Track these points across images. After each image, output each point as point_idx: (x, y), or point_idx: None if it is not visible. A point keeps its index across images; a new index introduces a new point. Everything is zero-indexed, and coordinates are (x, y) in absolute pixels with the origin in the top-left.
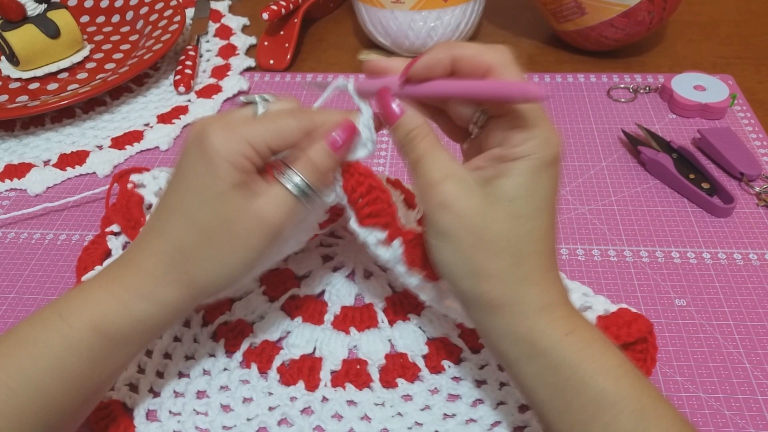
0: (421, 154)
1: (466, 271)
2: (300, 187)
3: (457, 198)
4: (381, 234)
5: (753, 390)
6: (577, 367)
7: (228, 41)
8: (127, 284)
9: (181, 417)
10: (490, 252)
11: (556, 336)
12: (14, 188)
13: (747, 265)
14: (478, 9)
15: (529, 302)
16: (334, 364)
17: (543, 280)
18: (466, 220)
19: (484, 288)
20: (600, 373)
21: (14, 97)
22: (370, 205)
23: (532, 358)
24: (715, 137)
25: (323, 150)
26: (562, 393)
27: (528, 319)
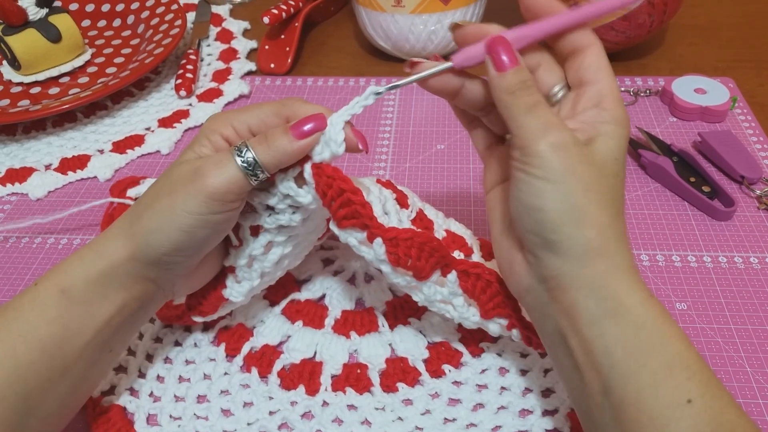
0: (539, 99)
1: (573, 217)
2: (244, 157)
3: (575, 143)
4: (360, 234)
5: (754, 394)
6: (658, 328)
7: (229, 45)
8: (92, 244)
9: (181, 421)
10: (599, 202)
11: (641, 296)
12: (15, 192)
13: (748, 269)
14: (478, 12)
15: (623, 258)
16: (334, 368)
17: (629, 242)
18: (582, 166)
19: (589, 235)
20: (675, 338)
21: (16, 101)
22: (344, 207)
23: (615, 316)
24: (715, 140)
25: (281, 130)
26: (638, 352)
27: (621, 274)
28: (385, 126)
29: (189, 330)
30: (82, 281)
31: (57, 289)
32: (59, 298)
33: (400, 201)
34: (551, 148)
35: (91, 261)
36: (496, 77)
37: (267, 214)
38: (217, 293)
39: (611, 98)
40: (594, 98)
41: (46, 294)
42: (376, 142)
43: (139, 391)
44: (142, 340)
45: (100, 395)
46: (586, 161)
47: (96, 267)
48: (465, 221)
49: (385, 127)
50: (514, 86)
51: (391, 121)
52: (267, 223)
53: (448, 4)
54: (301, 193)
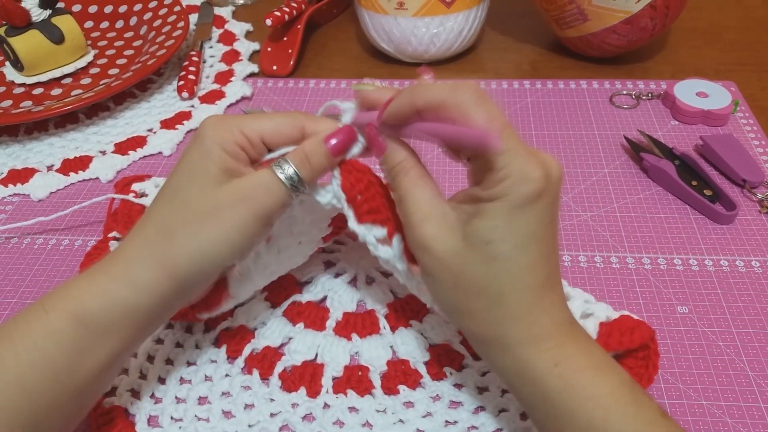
0: (402, 193)
1: (451, 308)
2: (288, 175)
3: (434, 241)
4: (380, 231)
5: (755, 398)
6: (565, 397)
7: (231, 47)
8: (108, 269)
9: (182, 423)
10: (469, 293)
11: (542, 368)
12: (17, 193)
13: (749, 272)
14: (480, 15)
15: (513, 338)
16: (335, 370)
17: (529, 314)
18: (445, 262)
19: (468, 325)
20: (588, 402)
21: (18, 102)
22: (369, 201)
23: (523, 386)
24: (717, 144)
25: (318, 145)
26: (553, 419)
27: (513, 353)
28: None
29: (190, 331)
30: (104, 311)
31: (73, 318)
32: (75, 326)
33: None
34: (416, 250)
35: (114, 289)
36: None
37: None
38: (221, 289)
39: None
40: (483, 162)
41: (61, 322)
42: None
43: (141, 392)
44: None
45: (102, 396)
46: (453, 253)
47: (121, 296)
48: None
49: None
50: (385, 176)
51: None
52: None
53: (451, 7)
54: (321, 192)
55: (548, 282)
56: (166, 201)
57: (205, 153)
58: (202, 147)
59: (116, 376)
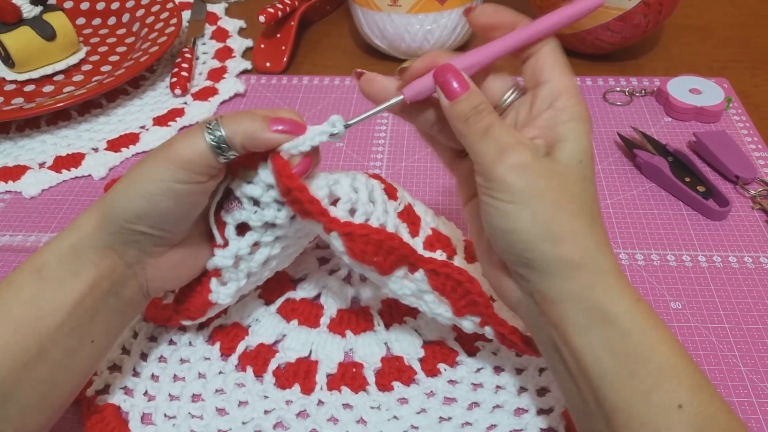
0: (492, 122)
1: (546, 234)
2: (214, 134)
3: (534, 159)
4: (319, 227)
5: (748, 393)
6: (646, 334)
7: (224, 44)
8: (70, 223)
9: (176, 420)
10: (569, 213)
11: (628, 302)
12: (9, 190)
13: (742, 268)
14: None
15: (605, 265)
16: (329, 367)
17: (609, 244)
18: (545, 181)
19: (566, 249)
20: (664, 342)
21: (9, 99)
22: (294, 204)
23: (603, 325)
24: (710, 140)
25: (257, 115)
26: (627, 360)
27: (603, 283)
28: (381, 125)
29: (184, 329)
30: (54, 258)
31: (32, 269)
32: (33, 278)
33: (389, 192)
34: (510, 170)
35: (63, 236)
36: (448, 107)
37: (253, 210)
38: (204, 297)
39: (566, 95)
40: (548, 98)
41: (22, 275)
42: (371, 141)
43: (134, 389)
44: (136, 339)
45: (95, 394)
46: (548, 174)
47: (66, 241)
48: (458, 221)
49: (381, 126)
50: (466, 113)
51: (387, 120)
52: (253, 220)
53: (445, 3)
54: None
55: None
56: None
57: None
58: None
59: (95, 361)
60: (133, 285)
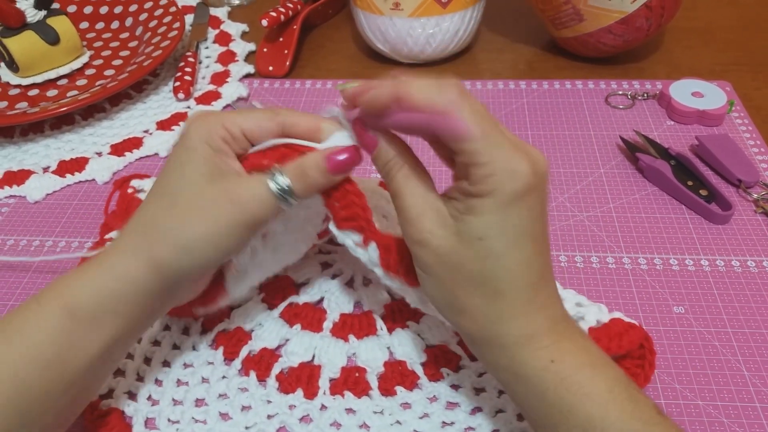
0: (396, 188)
1: (447, 304)
2: (281, 188)
3: (431, 236)
4: (357, 237)
5: (751, 398)
6: (561, 395)
7: (227, 48)
8: (99, 262)
9: (179, 425)
10: (466, 289)
11: (538, 366)
12: (13, 195)
13: (745, 273)
14: (476, 16)
15: (509, 336)
16: (332, 371)
17: (524, 313)
18: (441, 258)
19: (464, 323)
20: (585, 400)
21: (13, 103)
22: (345, 208)
23: (518, 384)
24: (712, 144)
25: (317, 163)
26: (548, 417)
27: (509, 352)
28: None
29: (187, 333)
30: (92, 301)
31: (63, 309)
32: (65, 317)
33: None
34: (413, 245)
35: (100, 279)
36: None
37: None
38: (218, 286)
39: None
40: (467, 157)
41: (51, 313)
42: None
43: (137, 394)
44: (140, 344)
45: (98, 399)
46: (450, 249)
47: (108, 286)
48: None
49: None
50: (379, 172)
51: None
52: None
53: (447, 7)
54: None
55: (543, 278)
56: (156, 197)
57: (191, 149)
58: (187, 143)
59: (109, 375)
60: (169, 308)
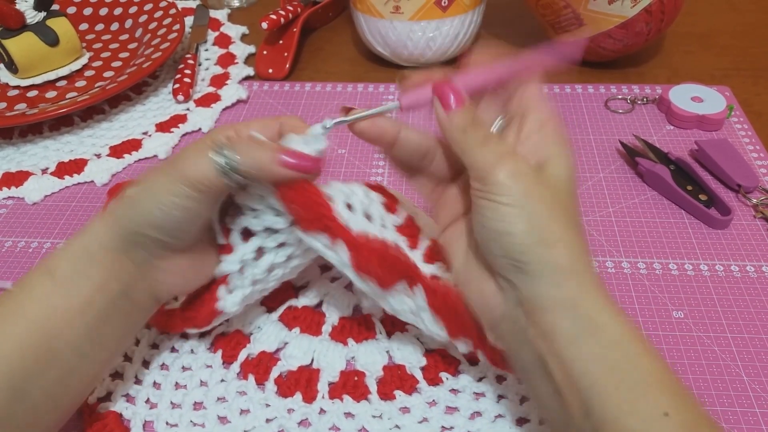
0: (488, 133)
1: (541, 238)
2: (221, 159)
3: (530, 168)
4: (325, 238)
5: (750, 403)
6: (630, 344)
7: (227, 50)
8: (83, 227)
9: (178, 428)
10: (561, 221)
11: (612, 313)
12: (12, 196)
13: (744, 277)
14: (476, 20)
15: (591, 275)
16: (331, 375)
17: (592, 259)
18: (540, 189)
19: (559, 253)
20: (647, 352)
21: (12, 104)
22: (305, 209)
23: (591, 335)
24: (712, 149)
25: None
26: (615, 370)
27: (591, 292)
28: None
29: (186, 336)
30: (66, 261)
31: (45, 271)
32: (45, 278)
33: (389, 206)
34: (510, 175)
35: (76, 240)
36: (445, 117)
37: (252, 215)
38: (211, 306)
39: (551, 124)
40: (536, 125)
41: (35, 276)
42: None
43: (136, 397)
44: (138, 346)
45: (96, 401)
46: (543, 184)
47: (79, 244)
48: None
49: None
50: (464, 124)
51: None
52: (253, 225)
53: (447, 11)
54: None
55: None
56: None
57: (194, 145)
58: (194, 143)
59: (103, 368)
60: (142, 287)
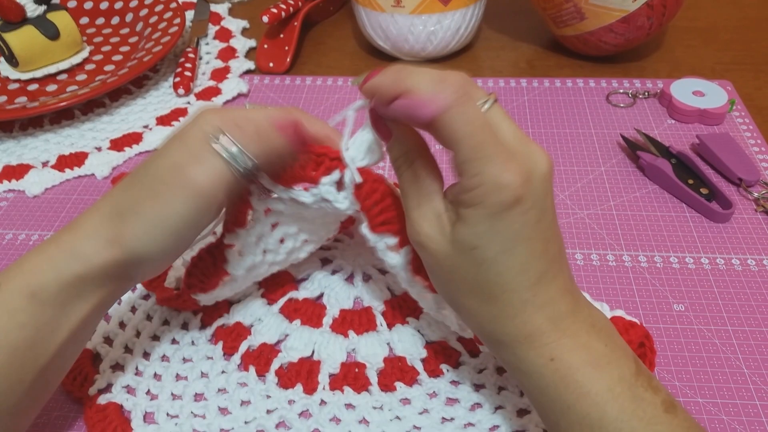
0: (402, 186)
1: (449, 301)
2: (227, 149)
3: (429, 240)
4: (392, 240)
5: (751, 395)
6: (561, 392)
7: (228, 44)
8: (61, 244)
9: (178, 419)
10: (462, 291)
11: (538, 363)
12: (12, 189)
13: (745, 271)
14: (477, 13)
15: (506, 336)
16: (332, 367)
17: (521, 313)
18: (439, 261)
19: (464, 319)
20: (583, 399)
21: (13, 98)
22: (384, 212)
23: (522, 378)
24: (713, 143)
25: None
26: (551, 412)
27: (509, 349)
28: None
29: (186, 328)
30: (54, 284)
31: (26, 293)
32: (29, 302)
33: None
34: (415, 245)
35: (64, 263)
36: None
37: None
38: (218, 268)
39: (475, 161)
40: (457, 163)
41: (14, 298)
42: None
43: (136, 389)
44: (139, 338)
45: (97, 393)
46: (445, 255)
47: (71, 269)
48: None
49: None
50: (394, 163)
51: None
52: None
53: (448, 4)
54: (340, 198)
55: (544, 277)
56: (128, 180)
57: (184, 137)
58: (183, 136)
59: (80, 352)
60: (127, 287)
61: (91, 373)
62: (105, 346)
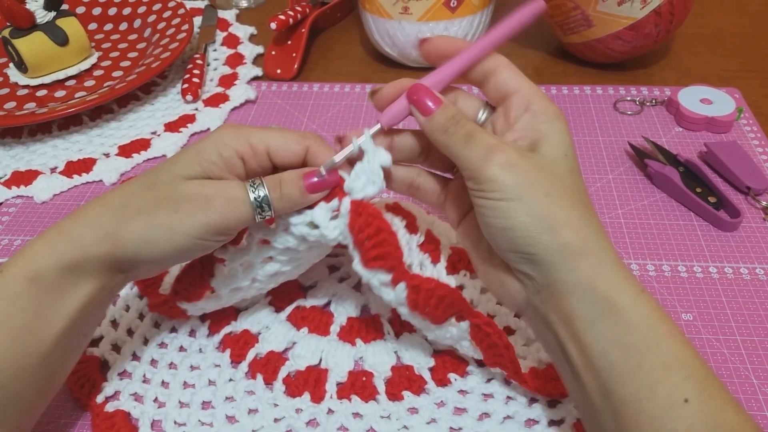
0: (472, 128)
1: (545, 225)
2: (258, 195)
3: (521, 155)
4: (385, 277)
5: (760, 406)
6: (652, 326)
7: (235, 50)
8: (63, 229)
9: (186, 427)
10: (563, 203)
11: (633, 293)
12: (21, 195)
13: (754, 280)
14: (485, 20)
15: (606, 253)
16: (339, 375)
17: (606, 235)
18: (534, 175)
19: (567, 236)
20: (670, 335)
21: (22, 104)
22: (377, 247)
23: (610, 316)
24: (721, 151)
25: (295, 178)
26: (634, 353)
27: (608, 271)
28: None
29: (194, 335)
30: (53, 269)
31: (26, 277)
32: (29, 286)
33: (410, 226)
34: (500, 168)
35: (63, 249)
36: (426, 122)
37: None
38: (204, 281)
39: (538, 98)
40: (522, 104)
41: (15, 282)
42: None
43: (144, 396)
44: (147, 345)
45: (104, 400)
46: (537, 169)
47: (69, 255)
48: None
49: None
50: (445, 124)
51: None
52: (276, 242)
53: (455, 12)
54: (330, 226)
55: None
56: (139, 179)
57: (199, 150)
58: (199, 145)
59: (83, 349)
60: (126, 283)
61: (99, 380)
62: (113, 353)
